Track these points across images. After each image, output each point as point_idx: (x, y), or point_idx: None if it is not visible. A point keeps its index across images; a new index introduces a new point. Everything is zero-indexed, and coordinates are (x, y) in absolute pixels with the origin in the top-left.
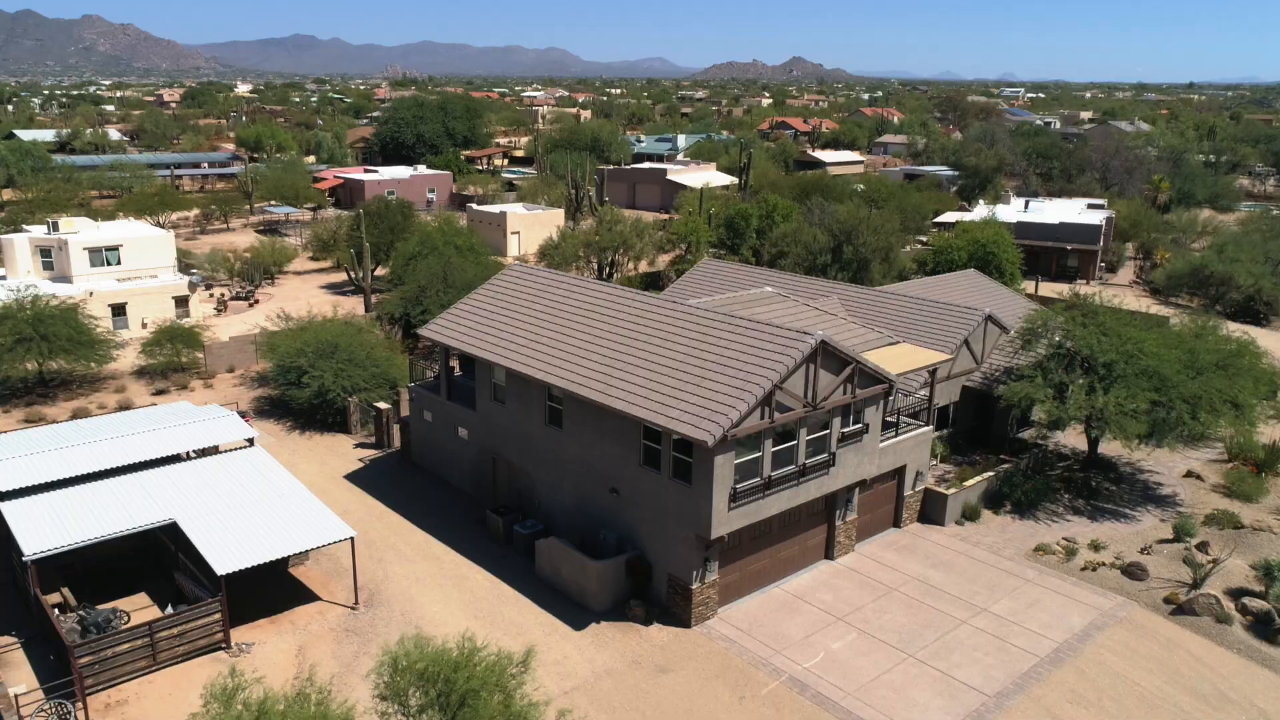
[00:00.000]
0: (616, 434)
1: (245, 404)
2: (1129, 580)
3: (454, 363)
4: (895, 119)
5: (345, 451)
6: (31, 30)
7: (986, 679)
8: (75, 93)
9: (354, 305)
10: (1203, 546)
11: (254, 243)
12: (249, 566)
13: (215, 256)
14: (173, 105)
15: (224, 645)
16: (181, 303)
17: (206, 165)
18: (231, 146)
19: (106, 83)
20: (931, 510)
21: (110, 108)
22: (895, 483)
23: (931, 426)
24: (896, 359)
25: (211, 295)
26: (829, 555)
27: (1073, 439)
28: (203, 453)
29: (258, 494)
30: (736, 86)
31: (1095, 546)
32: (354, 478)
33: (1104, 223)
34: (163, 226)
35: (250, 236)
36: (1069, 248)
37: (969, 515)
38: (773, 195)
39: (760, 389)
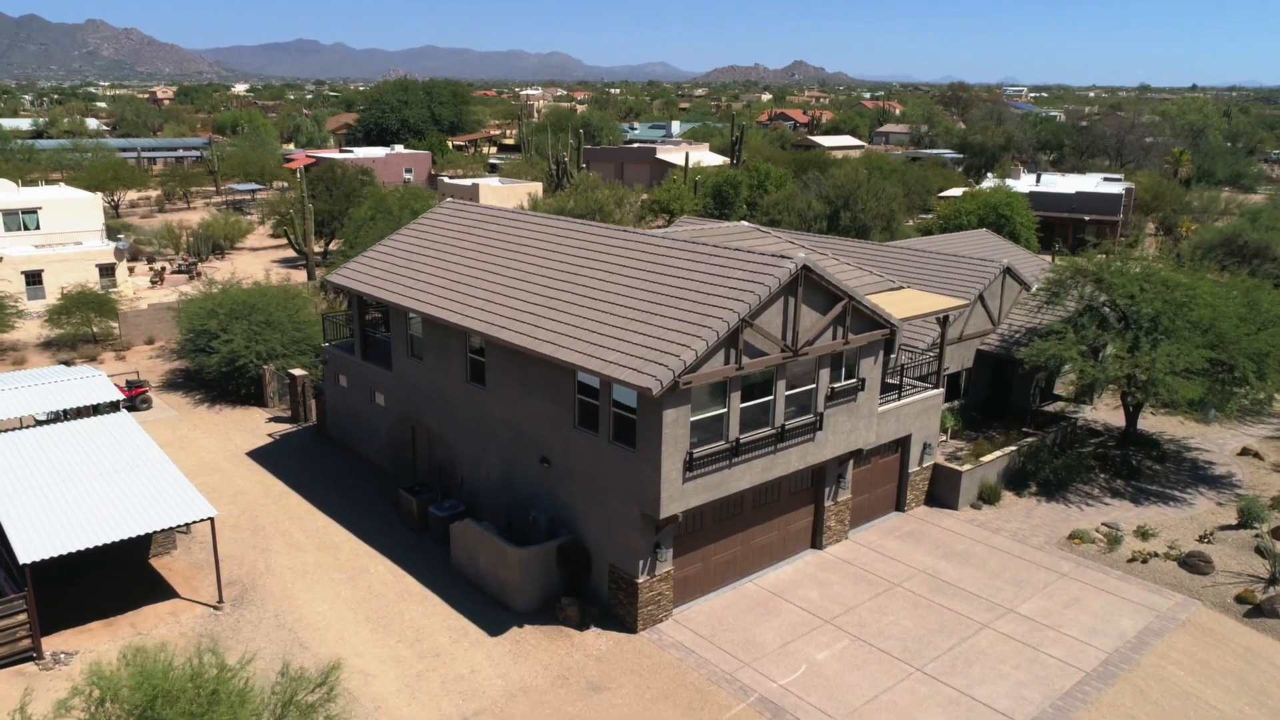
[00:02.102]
0: (546, 388)
1: (157, 376)
2: (1189, 574)
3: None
4: (897, 110)
5: (255, 426)
6: (35, 35)
7: (1017, 700)
8: (70, 91)
9: (300, 277)
10: (1278, 533)
11: (208, 218)
12: (67, 554)
13: (163, 230)
14: (165, 101)
15: (33, 655)
16: (107, 271)
17: (182, 150)
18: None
19: (105, 83)
20: (942, 490)
21: (102, 105)
22: (898, 456)
23: (942, 390)
24: (901, 303)
25: (150, 267)
26: (816, 543)
27: (1104, 414)
28: (76, 414)
29: (107, 467)
30: (737, 87)
31: (1143, 534)
32: (258, 454)
33: (1124, 193)
34: (118, 204)
35: (210, 214)
36: (1086, 219)
37: (987, 497)
38: (765, 164)
39: (723, 324)
